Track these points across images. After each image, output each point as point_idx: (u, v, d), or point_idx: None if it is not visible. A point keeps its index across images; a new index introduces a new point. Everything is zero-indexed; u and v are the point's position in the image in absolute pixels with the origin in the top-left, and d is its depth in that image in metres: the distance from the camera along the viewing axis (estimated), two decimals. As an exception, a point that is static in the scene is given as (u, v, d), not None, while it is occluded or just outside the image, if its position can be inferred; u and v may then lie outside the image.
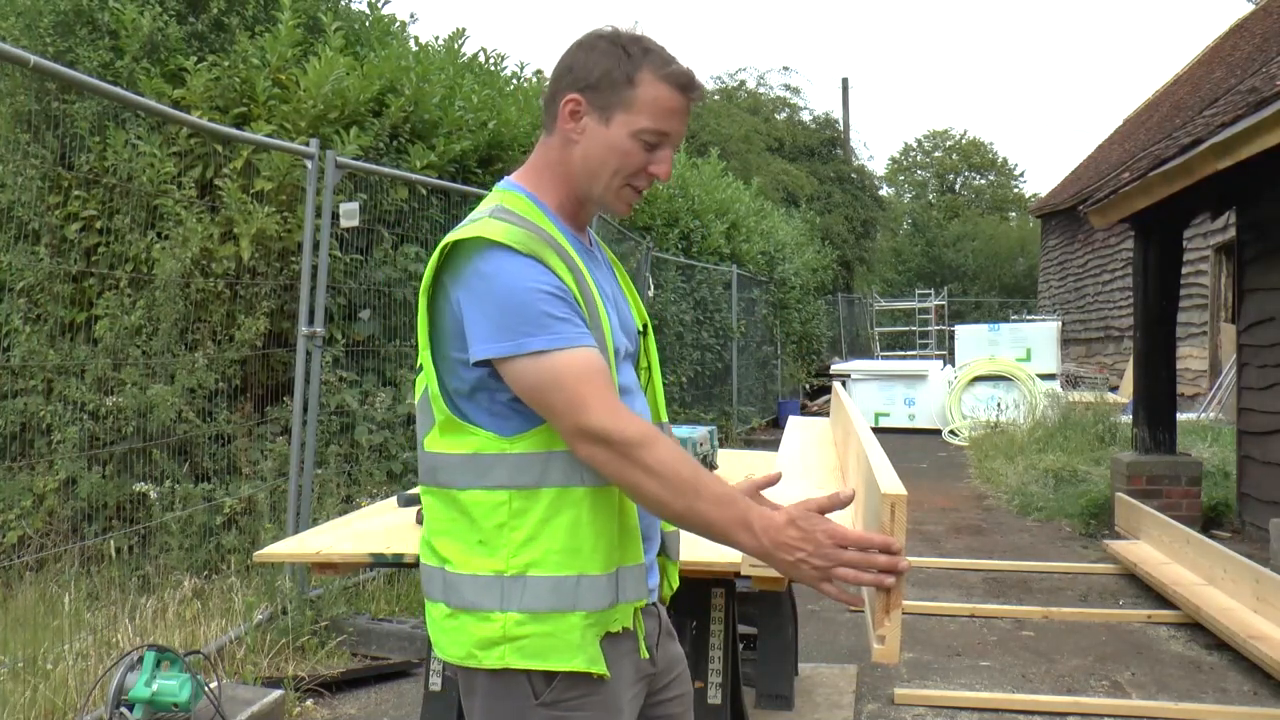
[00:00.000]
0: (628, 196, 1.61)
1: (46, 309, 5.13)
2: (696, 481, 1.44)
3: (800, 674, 4.13)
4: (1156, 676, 4.38)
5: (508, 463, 1.53)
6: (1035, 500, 8.34)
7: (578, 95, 1.57)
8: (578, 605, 1.52)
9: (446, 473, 1.57)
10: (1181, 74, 20.42)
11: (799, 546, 1.41)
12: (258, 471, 5.22)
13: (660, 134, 1.57)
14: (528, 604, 1.51)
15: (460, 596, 1.54)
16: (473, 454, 1.54)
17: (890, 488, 1.82)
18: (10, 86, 5.23)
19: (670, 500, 1.44)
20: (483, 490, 1.53)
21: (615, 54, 1.57)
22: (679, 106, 1.58)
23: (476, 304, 1.49)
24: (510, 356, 1.47)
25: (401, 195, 5.88)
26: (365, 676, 4.30)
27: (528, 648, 1.51)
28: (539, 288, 1.48)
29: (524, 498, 1.52)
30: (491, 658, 1.52)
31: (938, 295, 26.52)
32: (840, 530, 1.42)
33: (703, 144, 20.41)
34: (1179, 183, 6.29)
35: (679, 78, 1.57)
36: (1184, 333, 12.99)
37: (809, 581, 1.44)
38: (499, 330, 1.47)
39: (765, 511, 1.45)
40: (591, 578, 1.53)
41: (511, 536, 1.52)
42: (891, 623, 1.51)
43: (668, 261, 10.86)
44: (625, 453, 1.44)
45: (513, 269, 1.48)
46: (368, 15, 6.92)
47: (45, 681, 3.51)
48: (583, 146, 1.58)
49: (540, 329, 1.46)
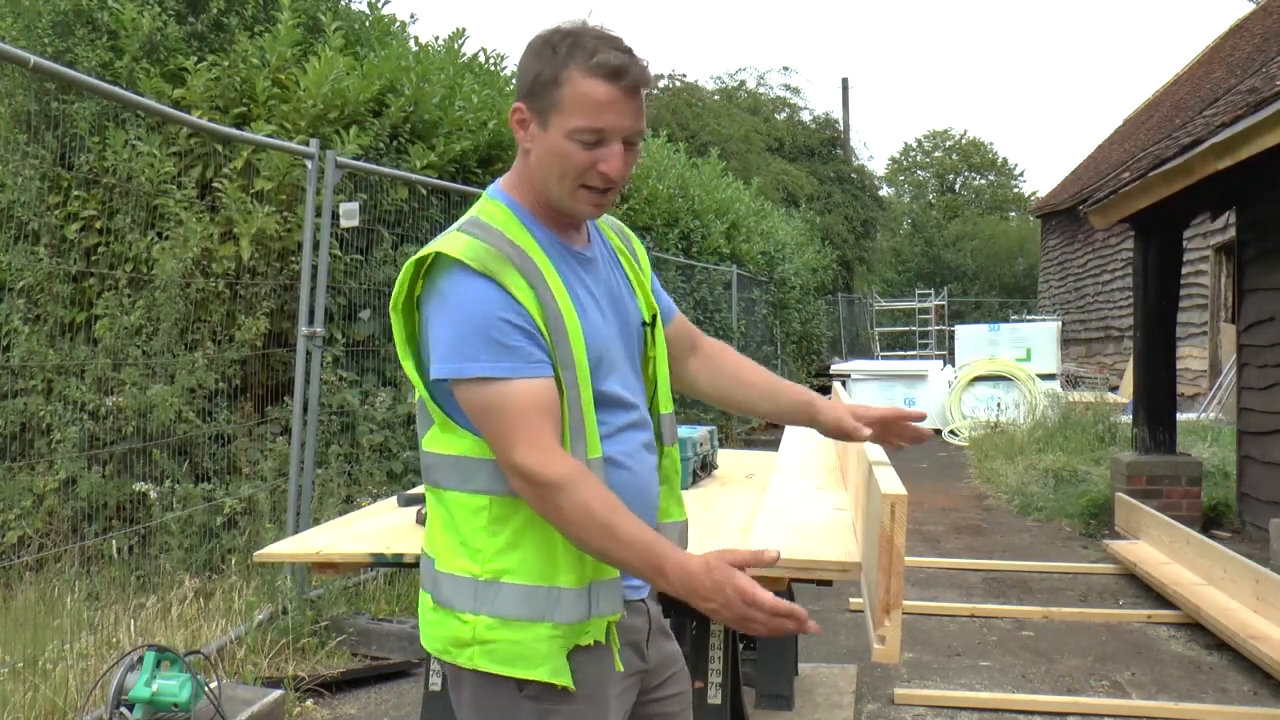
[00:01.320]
0: (585, 198, 1.57)
1: (46, 309, 5.13)
2: (611, 526, 1.46)
3: (800, 674, 4.13)
4: (1156, 676, 4.38)
5: (490, 469, 1.55)
6: (1035, 500, 8.34)
7: (520, 103, 1.58)
8: (547, 616, 1.54)
9: (436, 472, 1.61)
10: (1181, 74, 20.42)
11: (710, 597, 1.46)
12: (258, 471, 5.22)
13: (595, 131, 1.51)
14: (499, 609, 1.54)
15: (440, 592, 1.59)
16: (460, 456, 1.58)
17: (890, 488, 1.82)
18: (10, 86, 5.22)
19: (585, 542, 1.49)
20: (466, 493, 1.57)
21: (545, 54, 1.53)
22: (610, 98, 1.50)
23: (435, 322, 1.54)
24: (455, 379, 1.51)
25: (401, 195, 5.88)
26: (365, 676, 4.30)
27: (496, 652, 1.54)
28: (490, 313, 1.49)
29: (503, 505, 1.55)
30: (463, 657, 1.56)
31: (938, 295, 26.51)
32: (750, 591, 1.45)
33: (703, 144, 20.41)
34: (1179, 183, 6.28)
35: (605, 68, 1.49)
36: (1184, 333, 12.98)
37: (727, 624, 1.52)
38: (450, 351, 1.51)
39: (680, 558, 1.48)
40: (563, 590, 1.55)
41: (490, 541, 1.55)
42: (891, 623, 1.51)
43: (668, 261, 10.86)
44: (544, 495, 1.47)
45: (466, 291, 1.50)
46: (368, 15, 6.92)
47: (45, 682, 3.51)
48: (534, 154, 1.58)
49: (486, 355, 1.49)
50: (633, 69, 1.52)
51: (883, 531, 1.77)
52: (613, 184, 1.56)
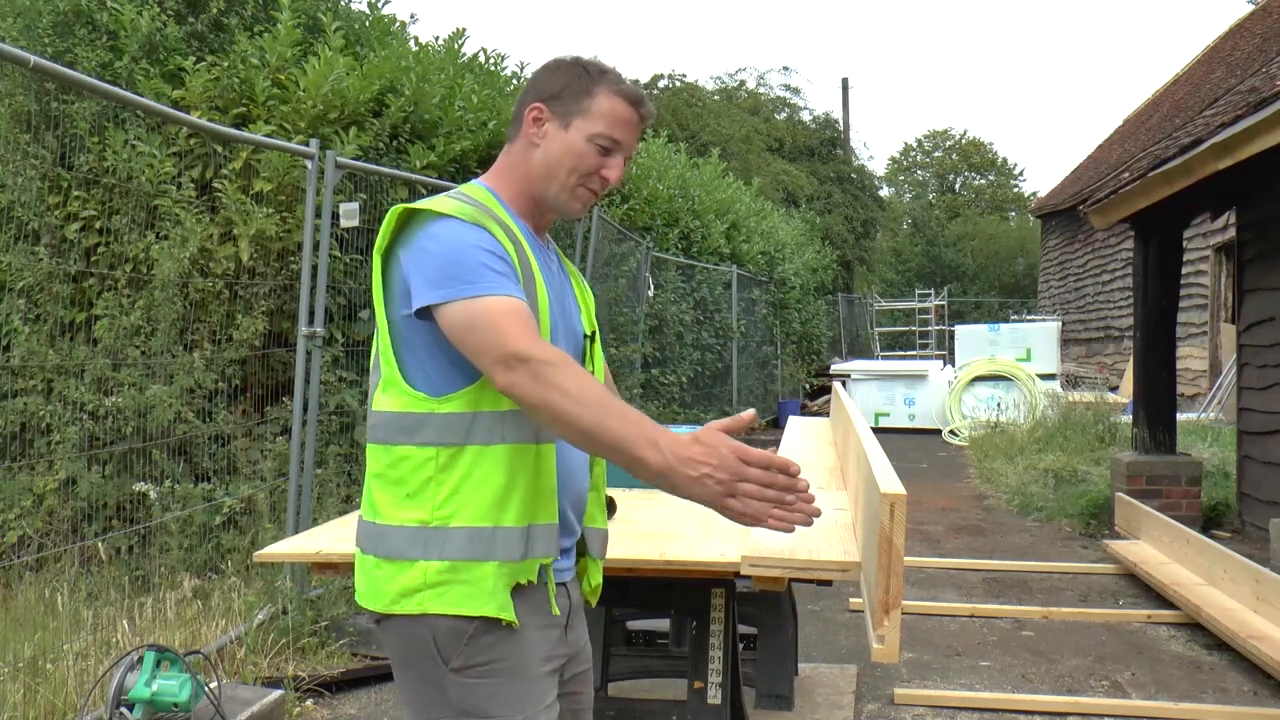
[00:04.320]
0: (582, 195, 1.78)
1: (46, 309, 5.13)
2: (606, 400, 1.51)
3: (800, 674, 4.13)
4: (1156, 676, 4.38)
5: (436, 422, 1.66)
6: (1035, 500, 8.33)
7: (541, 104, 1.77)
8: (491, 555, 1.64)
9: (384, 430, 1.70)
10: (1181, 74, 20.42)
11: (703, 461, 1.45)
12: (257, 471, 5.21)
13: (613, 140, 1.76)
14: (448, 553, 1.64)
15: (388, 546, 1.67)
16: (405, 412, 1.68)
17: (890, 488, 1.82)
18: (10, 87, 5.22)
19: (580, 414, 1.50)
20: (413, 446, 1.67)
21: (576, 71, 1.78)
22: (631, 118, 1.77)
23: (421, 261, 1.64)
24: (445, 302, 1.60)
25: (401, 195, 5.87)
26: (365, 676, 4.30)
27: (446, 595, 1.64)
28: (480, 245, 1.63)
29: (449, 455, 1.65)
30: (412, 604, 1.65)
31: (938, 295, 26.52)
32: (743, 448, 1.46)
33: (703, 144, 20.42)
34: (1179, 183, 6.28)
35: (631, 94, 1.78)
36: (1184, 333, 12.99)
37: (712, 499, 1.46)
38: (439, 280, 1.61)
39: (671, 432, 1.51)
40: (505, 529, 1.65)
41: (437, 491, 1.65)
42: (891, 623, 1.51)
43: (668, 261, 10.85)
44: (541, 372, 1.51)
45: (458, 232, 1.64)
46: (368, 15, 6.92)
47: (45, 682, 3.51)
48: (543, 149, 1.77)
49: (476, 278, 1.60)
50: (647, 103, 1.81)
51: (882, 531, 1.77)
52: (605, 189, 1.80)
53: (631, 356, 9.37)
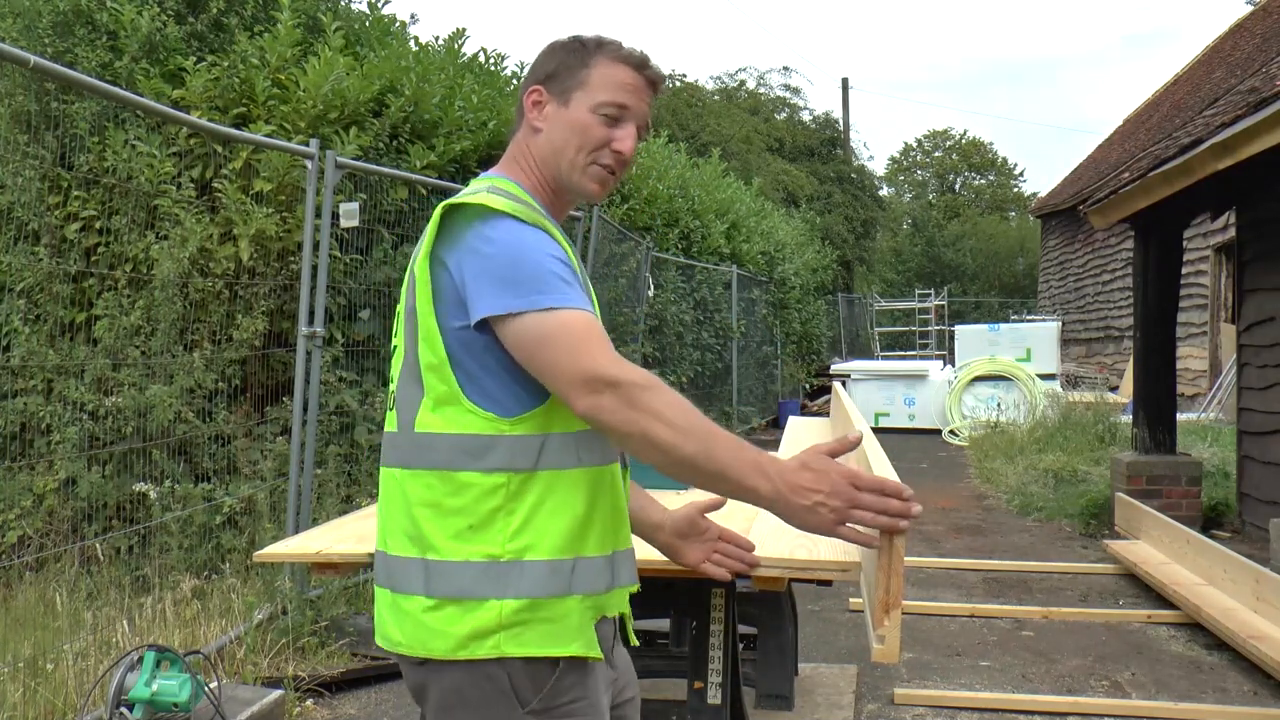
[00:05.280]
0: (595, 174, 1.62)
1: (46, 309, 5.13)
2: (709, 425, 1.40)
3: (800, 674, 4.13)
4: (1156, 676, 4.38)
5: (505, 444, 1.49)
6: (1035, 500, 8.33)
7: (538, 86, 1.65)
8: (574, 589, 1.51)
9: (444, 453, 1.51)
10: (1181, 74, 20.42)
11: (815, 489, 1.38)
12: (257, 471, 5.21)
13: (619, 106, 1.60)
14: (525, 590, 1.48)
15: (449, 584, 1.49)
16: (470, 434, 1.50)
17: (890, 487, 1.82)
18: (10, 86, 5.22)
19: (682, 444, 1.38)
20: (479, 473, 1.49)
21: (573, 48, 1.65)
22: (635, 82, 1.62)
23: (481, 266, 1.47)
24: (517, 313, 1.44)
25: (401, 195, 5.88)
26: (365, 676, 4.30)
27: (525, 635, 1.48)
28: (548, 252, 1.49)
29: (520, 481, 1.50)
30: (485, 648, 1.47)
31: (937, 295, 26.52)
32: (854, 472, 1.40)
33: (703, 144, 20.42)
34: (1179, 183, 6.28)
35: (632, 58, 1.64)
36: (1184, 333, 12.99)
37: (824, 527, 1.40)
38: (506, 288, 1.45)
39: (776, 456, 1.42)
40: (589, 560, 1.53)
41: (508, 520, 1.49)
42: (891, 622, 1.50)
43: (668, 261, 10.85)
44: (633, 396, 1.39)
45: (521, 234, 1.49)
46: (368, 15, 6.92)
47: (45, 682, 3.51)
48: (546, 131, 1.63)
49: (550, 289, 1.45)
50: (653, 64, 1.66)
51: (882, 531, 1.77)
52: (622, 164, 1.63)
53: (631, 356, 9.37)
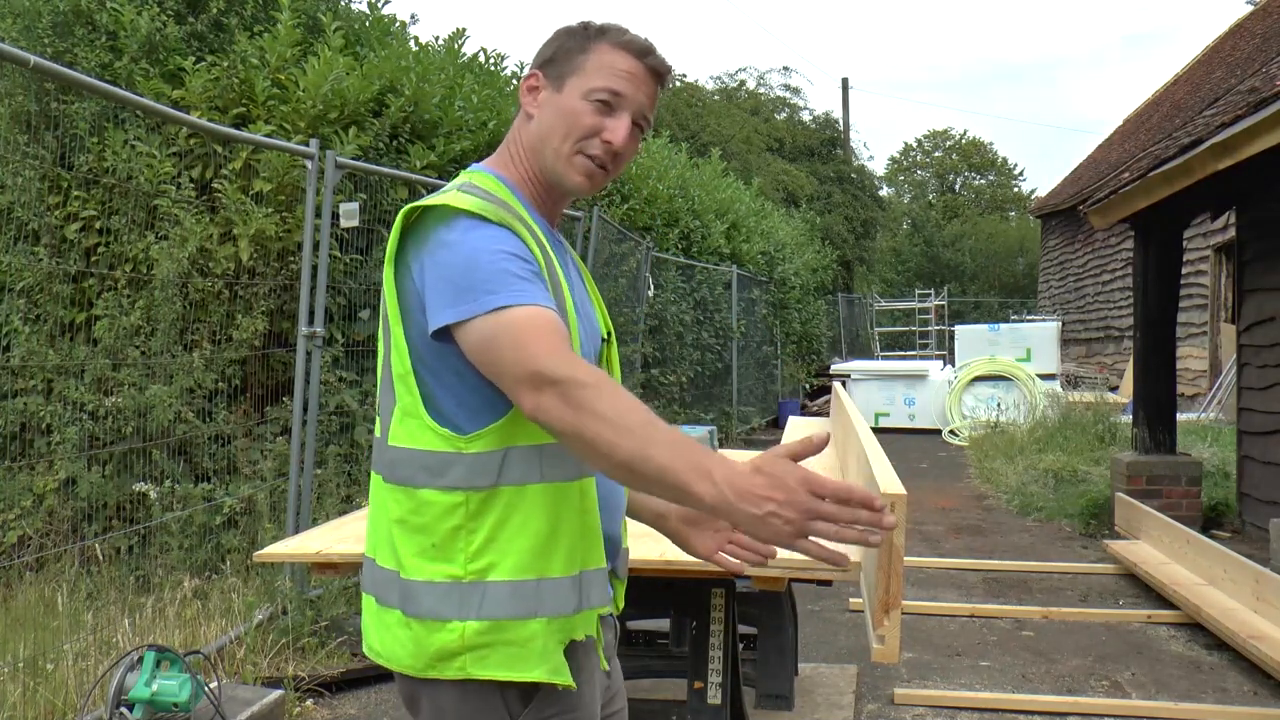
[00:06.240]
0: (581, 165, 1.53)
1: (46, 309, 5.13)
2: (649, 425, 1.29)
3: (800, 674, 4.13)
4: (1156, 676, 4.38)
5: (464, 462, 1.45)
6: (1035, 500, 8.33)
7: (537, 70, 1.59)
8: (539, 611, 1.45)
9: (404, 469, 1.48)
10: (1181, 74, 20.42)
11: (767, 496, 1.21)
12: (257, 471, 5.22)
13: (612, 93, 1.52)
14: (487, 611, 1.43)
15: (417, 604, 1.45)
16: (427, 451, 1.46)
17: (890, 487, 1.82)
18: (10, 86, 5.23)
19: (618, 443, 1.27)
20: (438, 491, 1.45)
21: (575, 32, 1.58)
22: (634, 70, 1.54)
23: (438, 273, 1.41)
24: (469, 318, 1.38)
25: (401, 195, 5.87)
26: (365, 676, 4.30)
27: (489, 658, 1.44)
28: (504, 249, 1.41)
29: (480, 499, 1.45)
30: (452, 669, 1.44)
31: (937, 295, 26.52)
32: (815, 477, 1.22)
33: (703, 144, 20.42)
34: (1179, 183, 6.28)
35: (634, 45, 1.56)
36: (1184, 333, 12.99)
37: (781, 539, 1.23)
38: (456, 294, 1.39)
39: (727, 459, 1.27)
40: (554, 580, 1.46)
41: (469, 540, 1.44)
42: (891, 622, 1.51)
43: (668, 261, 10.85)
44: (573, 395, 1.30)
45: (479, 234, 1.41)
46: (368, 15, 6.92)
47: (45, 682, 3.51)
48: (539, 117, 1.56)
49: (501, 287, 1.37)
50: (657, 53, 1.57)
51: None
52: (612, 158, 1.55)
53: (631, 356, 9.37)
